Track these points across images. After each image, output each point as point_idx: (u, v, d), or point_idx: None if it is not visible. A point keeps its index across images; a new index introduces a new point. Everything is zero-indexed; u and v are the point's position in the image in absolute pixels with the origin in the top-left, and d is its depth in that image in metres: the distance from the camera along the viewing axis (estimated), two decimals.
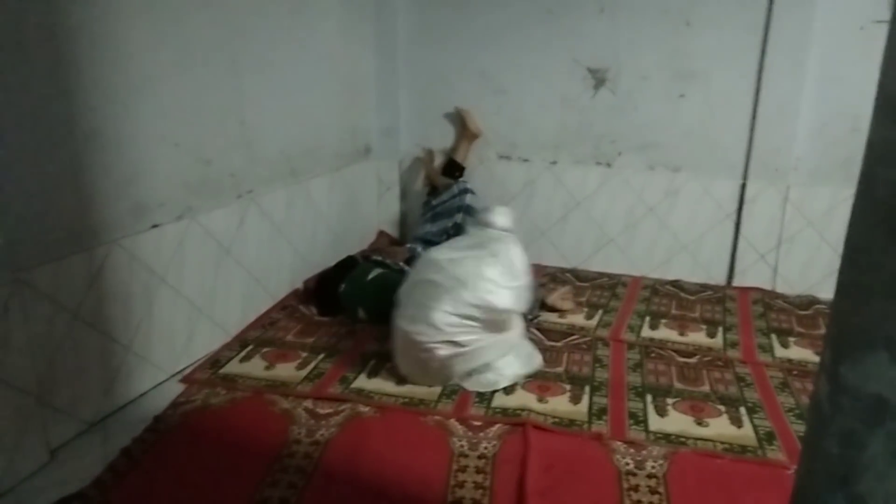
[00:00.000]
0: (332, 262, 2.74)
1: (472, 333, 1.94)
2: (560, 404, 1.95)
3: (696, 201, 2.88)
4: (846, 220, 2.27)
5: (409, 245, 2.97)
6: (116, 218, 1.81)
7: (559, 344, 2.34)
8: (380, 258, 2.78)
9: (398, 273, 2.57)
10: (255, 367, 2.12)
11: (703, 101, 2.80)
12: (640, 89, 2.86)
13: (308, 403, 1.91)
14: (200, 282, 2.14)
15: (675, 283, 2.93)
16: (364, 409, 1.89)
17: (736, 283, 2.91)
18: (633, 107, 2.89)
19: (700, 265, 2.94)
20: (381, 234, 3.37)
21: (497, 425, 1.82)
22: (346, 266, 2.66)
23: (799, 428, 1.84)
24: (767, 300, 2.76)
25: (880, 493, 0.89)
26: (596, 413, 1.90)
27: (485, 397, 1.97)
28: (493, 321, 1.95)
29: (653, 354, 2.27)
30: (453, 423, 1.84)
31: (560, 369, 2.15)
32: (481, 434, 1.79)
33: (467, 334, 1.94)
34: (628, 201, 2.97)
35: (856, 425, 0.90)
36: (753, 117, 2.73)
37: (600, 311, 2.63)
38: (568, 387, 2.04)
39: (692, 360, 2.23)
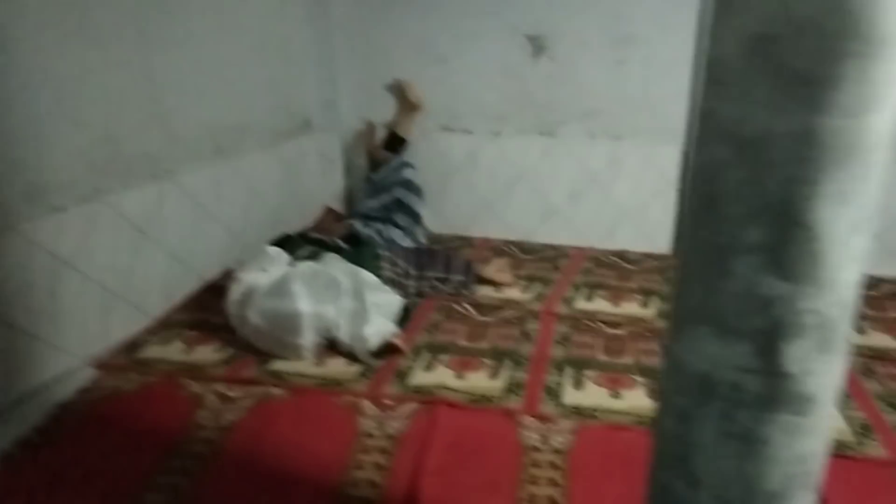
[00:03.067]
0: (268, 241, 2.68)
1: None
2: (478, 380, 1.91)
3: (639, 170, 2.83)
4: None
5: (347, 221, 2.91)
6: (8, 202, 1.75)
7: (489, 319, 2.30)
8: (316, 235, 2.72)
9: (333, 250, 2.52)
10: (173, 351, 2.08)
11: (642, 66, 2.73)
12: (580, 56, 2.79)
13: (219, 387, 1.87)
14: (114, 265, 2.08)
15: (620, 254, 2.89)
16: (276, 391, 1.85)
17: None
18: (573, 74, 2.82)
19: (644, 234, 2.90)
20: (327, 210, 3.31)
21: (409, 404, 1.79)
22: (280, 244, 2.60)
23: None
24: None
25: (714, 473, 0.86)
26: (512, 388, 1.87)
27: (401, 375, 1.93)
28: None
29: (582, 327, 2.23)
30: (365, 402, 1.80)
31: (485, 344, 2.12)
32: (392, 413, 1.75)
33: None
34: (572, 171, 2.92)
35: (687, 404, 0.86)
36: (696, 81, 2.66)
37: (538, 284, 2.58)
38: (489, 362, 2.01)
39: (621, 332, 2.19)
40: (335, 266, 2.24)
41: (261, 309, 2.00)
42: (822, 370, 0.82)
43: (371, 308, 2.11)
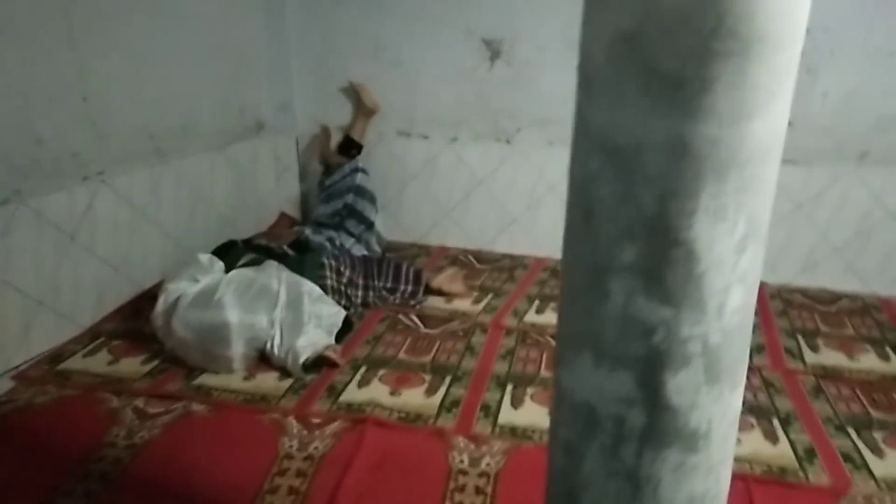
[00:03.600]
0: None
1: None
2: (413, 397, 1.83)
3: None
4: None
5: (297, 227, 2.83)
6: None
7: (434, 331, 2.21)
8: (263, 242, 2.63)
9: (279, 257, 2.43)
10: (98, 363, 1.98)
11: None
12: (537, 61, 2.72)
13: (139, 402, 1.77)
14: (37, 271, 1.98)
15: None
16: (198, 408, 1.76)
17: None
18: (530, 79, 2.75)
19: None
20: (283, 215, 3.22)
21: (337, 422, 1.70)
22: (223, 250, 2.50)
23: None
24: None
25: None
26: (448, 406, 1.79)
27: (333, 391, 1.84)
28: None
29: (528, 341, 2.15)
30: (291, 420, 1.71)
31: (426, 359, 2.03)
32: (317, 433, 1.66)
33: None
34: (530, 179, 2.85)
35: (573, 437, 0.78)
36: None
37: (490, 295, 2.50)
38: (428, 377, 1.92)
39: None
40: (274, 275, 2.15)
41: (186, 319, 1.91)
42: (712, 403, 0.74)
43: (308, 319, 2.03)
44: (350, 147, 2.95)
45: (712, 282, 0.68)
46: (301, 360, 1.90)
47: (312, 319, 2.04)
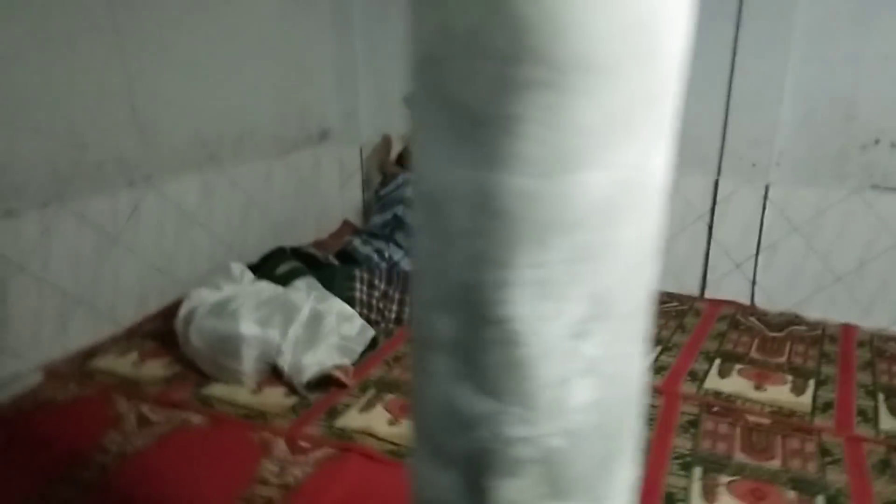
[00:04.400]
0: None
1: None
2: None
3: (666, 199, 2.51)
4: (839, 226, 1.94)
5: (347, 237, 2.80)
6: None
7: None
8: (311, 251, 2.62)
9: (322, 268, 2.41)
10: (125, 364, 2.03)
11: None
12: None
13: (146, 408, 1.79)
14: (76, 270, 2.06)
15: None
16: (196, 419, 1.75)
17: (709, 294, 2.52)
18: None
19: (671, 272, 2.58)
20: (346, 223, 3.22)
21: (323, 448, 1.63)
22: (267, 258, 2.51)
23: None
24: (739, 316, 2.37)
25: None
26: None
27: (333, 414, 1.77)
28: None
29: None
30: (280, 441, 1.66)
31: None
32: (301, 458, 1.60)
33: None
34: None
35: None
36: (728, 102, 2.33)
37: None
38: None
39: None
40: (303, 288, 2.12)
41: (201, 328, 1.91)
42: None
43: (326, 337, 1.97)
44: (407, 159, 2.88)
45: (542, 372, 0.53)
46: (305, 378, 1.85)
47: (331, 338, 1.98)
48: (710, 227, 2.46)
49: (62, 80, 1.96)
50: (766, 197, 2.34)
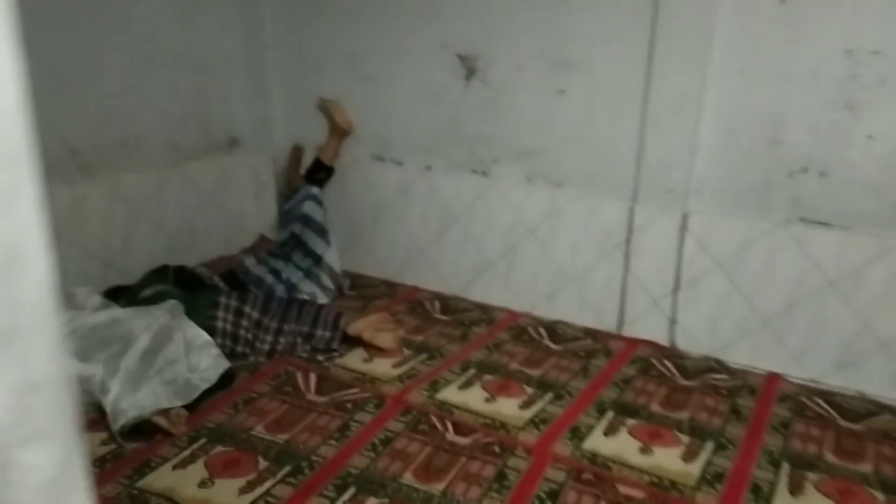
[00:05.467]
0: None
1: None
2: (228, 491, 1.49)
3: (581, 225, 2.28)
4: (764, 263, 1.55)
5: (239, 256, 2.58)
6: None
7: (321, 399, 1.87)
8: (198, 270, 2.42)
9: (205, 291, 2.20)
10: None
11: (585, 98, 2.19)
12: (515, 82, 2.29)
13: None
14: None
15: (552, 326, 2.34)
16: None
17: (627, 331, 2.28)
18: (509, 103, 2.32)
19: (588, 305, 2.33)
20: (262, 238, 2.99)
21: None
22: (147, 277, 2.31)
23: None
24: (654, 359, 2.12)
25: None
26: None
27: (146, 469, 1.55)
28: None
29: (421, 426, 1.75)
30: None
31: (282, 438, 1.69)
32: None
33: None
34: (507, 219, 2.41)
35: None
36: (643, 119, 2.09)
37: (422, 357, 2.11)
38: (265, 467, 1.58)
39: (464, 440, 1.69)
40: (146, 316, 1.90)
41: None
42: None
43: (159, 372, 1.76)
44: (318, 169, 2.66)
45: None
46: (118, 424, 1.63)
47: (166, 373, 1.77)
48: (627, 258, 2.21)
49: None
50: (684, 227, 2.09)
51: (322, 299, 2.49)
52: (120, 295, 2.17)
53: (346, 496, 1.48)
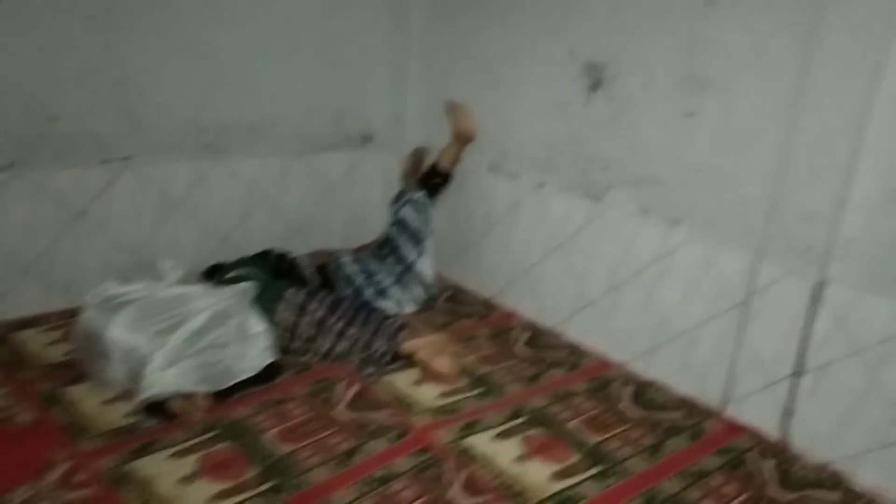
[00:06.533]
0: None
1: None
2: (201, 492, 1.45)
3: (695, 273, 1.90)
4: None
5: (337, 252, 2.56)
6: None
7: (349, 416, 1.76)
8: (299, 260, 2.44)
9: (282, 282, 2.22)
10: (41, 340, 2.03)
11: (717, 124, 1.81)
12: (641, 98, 1.97)
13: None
14: (34, 243, 2.11)
15: (643, 386, 2.00)
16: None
17: (731, 412, 1.86)
18: (631, 122, 2.01)
19: (692, 369, 1.95)
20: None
21: None
22: (246, 260, 2.37)
23: None
24: (753, 454, 1.70)
25: None
26: None
27: (134, 454, 1.56)
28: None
29: (430, 470, 1.56)
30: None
31: (281, 450, 1.61)
32: None
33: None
34: (614, 254, 2.11)
35: None
36: (783, 158, 1.67)
37: (476, 392, 1.92)
38: (253, 478, 1.51)
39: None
40: (210, 296, 1.94)
41: (84, 320, 1.82)
42: None
43: (201, 352, 1.78)
44: (434, 175, 2.55)
45: None
46: (138, 398, 1.66)
47: (207, 354, 1.78)
48: (743, 323, 1.80)
49: (31, 51, 1.98)
50: (818, 297, 1.64)
51: (409, 308, 2.39)
52: (215, 272, 2.25)
53: None
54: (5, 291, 2.10)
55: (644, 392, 1.97)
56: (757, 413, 1.80)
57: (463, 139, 2.51)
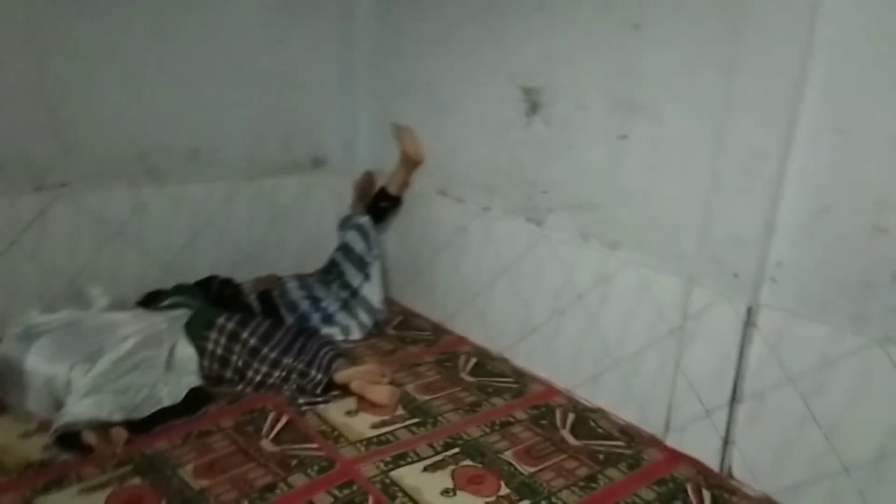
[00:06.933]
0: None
1: None
2: None
3: (634, 298, 1.87)
4: (853, 388, 1.32)
5: (282, 278, 2.51)
6: None
7: (273, 448, 1.70)
8: (243, 286, 2.40)
9: (243, 308, 2.17)
10: None
11: (649, 146, 1.79)
12: (577, 122, 1.95)
13: None
14: None
15: (584, 413, 1.95)
16: None
17: (672, 440, 1.81)
18: (567, 145, 1.99)
19: (634, 397, 1.91)
20: None
21: None
22: (187, 287, 2.32)
23: None
24: (696, 484, 1.65)
25: None
26: None
27: (47, 488, 1.50)
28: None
29: (352, 503, 1.51)
30: None
31: (198, 486, 1.55)
32: None
33: None
34: (557, 278, 2.07)
35: None
36: (713, 182, 1.65)
37: (412, 422, 1.86)
38: None
39: None
40: (148, 323, 1.89)
41: (4, 349, 1.77)
42: None
43: (123, 380, 1.72)
44: (382, 199, 2.52)
45: None
46: (52, 428, 1.60)
47: (128, 381, 1.73)
48: (679, 349, 1.76)
49: None
50: (750, 322, 1.61)
51: (356, 334, 2.34)
52: (152, 299, 2.20)
53: None
54: None
55: (586, 420, 1.92)
56: (697, 442, 1.75)
57: (411, 163, 2.49)
